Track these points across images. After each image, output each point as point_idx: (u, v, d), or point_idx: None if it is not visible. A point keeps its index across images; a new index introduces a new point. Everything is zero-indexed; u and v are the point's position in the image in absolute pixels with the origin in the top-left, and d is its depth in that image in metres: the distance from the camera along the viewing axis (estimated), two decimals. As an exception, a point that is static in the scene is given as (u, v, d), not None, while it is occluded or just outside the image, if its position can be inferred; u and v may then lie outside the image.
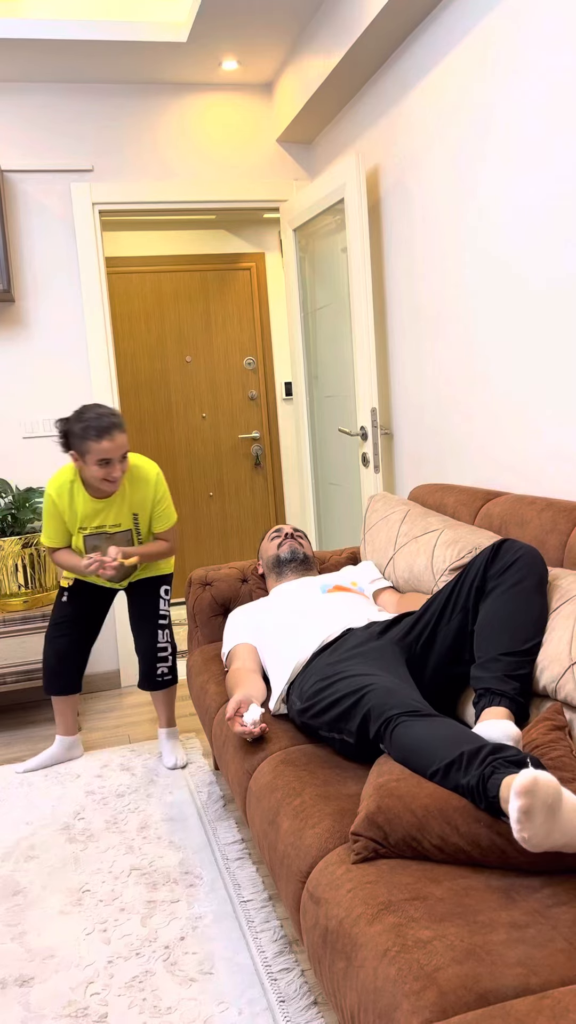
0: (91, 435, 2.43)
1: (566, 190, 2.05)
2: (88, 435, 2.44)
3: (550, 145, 2.09)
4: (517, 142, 2.23)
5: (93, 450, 2.45)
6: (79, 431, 2.45)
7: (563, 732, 1.49)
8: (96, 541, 2.64)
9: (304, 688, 1.88)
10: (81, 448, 2.46)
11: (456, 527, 2.23)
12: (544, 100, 2.10)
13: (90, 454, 2.45)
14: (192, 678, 2.53)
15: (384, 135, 3.03)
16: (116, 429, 2.46)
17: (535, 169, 2.17)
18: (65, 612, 2.80)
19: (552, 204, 2.12)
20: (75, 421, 2.48)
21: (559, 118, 2.05)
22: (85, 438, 2.44)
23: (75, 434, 2.47)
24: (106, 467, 2.48)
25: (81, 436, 2.45)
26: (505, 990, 1.06)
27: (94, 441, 2.44)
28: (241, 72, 3.53)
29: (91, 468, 2.48)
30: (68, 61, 3.29)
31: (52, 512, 2.63)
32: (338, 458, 3.55)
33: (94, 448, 2.44)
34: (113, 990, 1.78)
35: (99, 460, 2.46)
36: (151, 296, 4.90)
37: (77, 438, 2.46)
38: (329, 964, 1.26)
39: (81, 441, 2.45)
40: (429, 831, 1.34)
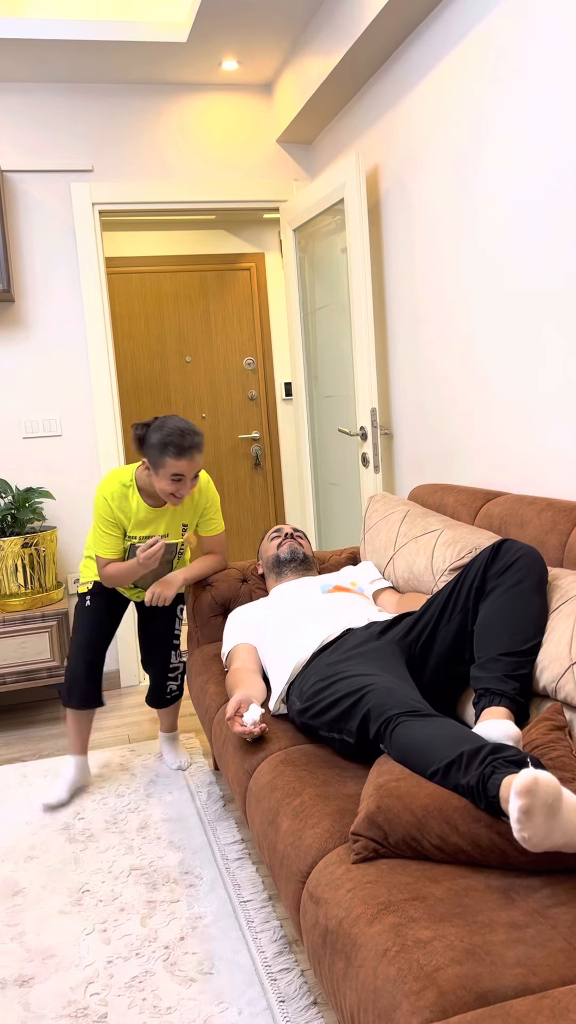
0: (170, 452, 2.36)
1: (566, 191, 2.05)
2: (167, 451, 2.36)
3: (549, 146, 2.10)
4: (516, 143, 2.23)
5: (169, 465, 2.37)
6: (158, 443, 2.37)
7: (563, 732, 1.49)
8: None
9: (304, 688, 1.88)
10: (157, 460, 2.38)
11: (456, 527, 2.23)
12: (544, 101, 2.10)
13: (164, 468, 2.38)
14: (192, 678, 2.53)
15: (384, 135, 3.03)
16: (196, 450, 2.38)
17: (534, 170, 2.17)
18: (91, 619, 2.63)
19: (551, 205, 2.12)
20: (156, 431, 2.39)
21: (559, 119, 2.05)
22: (164, 453, 2.36)
23: (153, 444, 2.38)
24: (176, 484, 2.40)
25: (160, 449, 2.37)
26: (505, 990, 1.06)
27: (172, 458, 2.36)
28: (241, 72, 3.53)
29: (161, 482, 2.40)
30: (68, 61, 3.29)
31: (109, 520, 2.49)
32: (338, 458, 3.56)
33: (170, 464, 2.37)
34: (113, 990, 1.78)
35: (172, 476, 2.39)
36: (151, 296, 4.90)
37: (155, 449, 2.38)
38: (329, 964, 1.26)
39: (159, 454, 2.37)
40: (429, 831, 1.34)
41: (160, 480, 2.41)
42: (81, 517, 3.68)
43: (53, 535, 3.36)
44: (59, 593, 3.38)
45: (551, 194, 2.11)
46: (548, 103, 2.08)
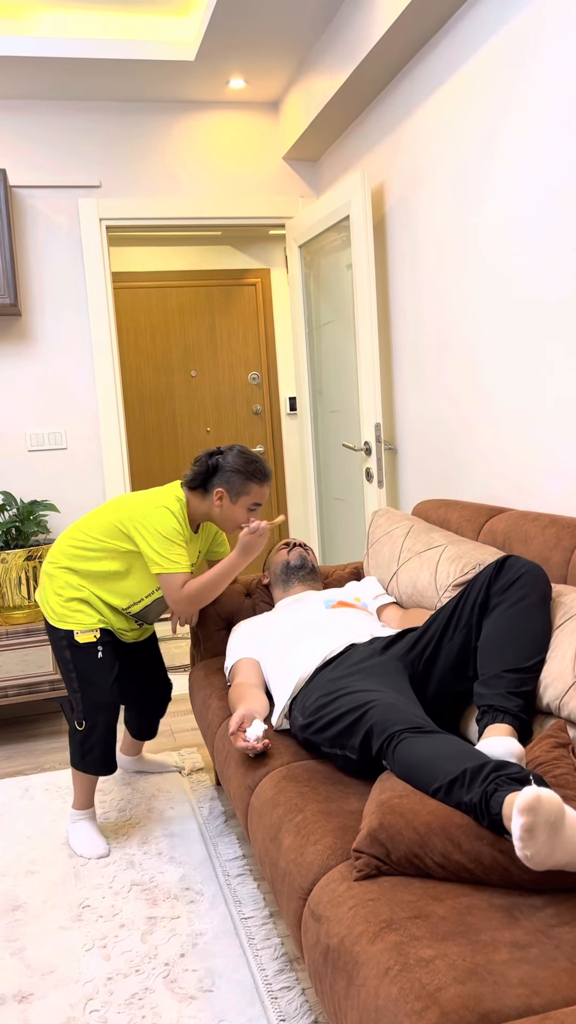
0: (258, 478, 2.33)
1: (570, 208, 2.07)
2: (255, 477, 2.33)
3: (554, 164, 2.11)
4: (521, 161, 2.24)
5: (254, 493, 2.34)
6: (243, 468, 2.32)
7: (566, 750, 1.49)
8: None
9: (307, 704, 1.87)
10: (240, 487, 2.32)
11: (460, 543, 2.23)
12: (548, 119, 2.11)
13: (248, 496, 2.33)
14: (194, 692, 2.52)
15: (389, 153, 3.05)
16: (271, 478, 2.40)
17: (539, 187, 2.18)
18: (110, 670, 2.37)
19: (555, 222, 2.13)
20: (235, 458, 2.34)
21: (563, 137, 2.06)
22: (250, 479, 2.32)
23: (236, 471, 2.32)
24: (251, 513, 2.37)
25: (247, 474, 2.32)
26: (507, 1010, 1.05)
27: (258, 484, 2.33)
28: (248, 90, 3.56)
29: (238, 511, 2.34)
30: (77, 79, 3.33)
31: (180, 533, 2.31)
32: (342, 473, 3.56)
33: (255, 491, 2.34)
34: (112, 1007, 1.76)
35: (252, 504, 2.35)
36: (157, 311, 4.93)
37: (239, 475, 2.32)
38: (330, 982, 1.25)
39: (244, 481, 2.32)
40: (431, 848, 1.33)
41: (238, 509, 2.35)
42: (85, 530, 3.68)
43: (57, 548, 3.37)
44: (62, 606, 3.38)
45: (555, 211, 2.13)
46: (552, 121, 2.10)
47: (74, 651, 2.37)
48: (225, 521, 2.39)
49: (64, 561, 2.40)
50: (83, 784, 2.43)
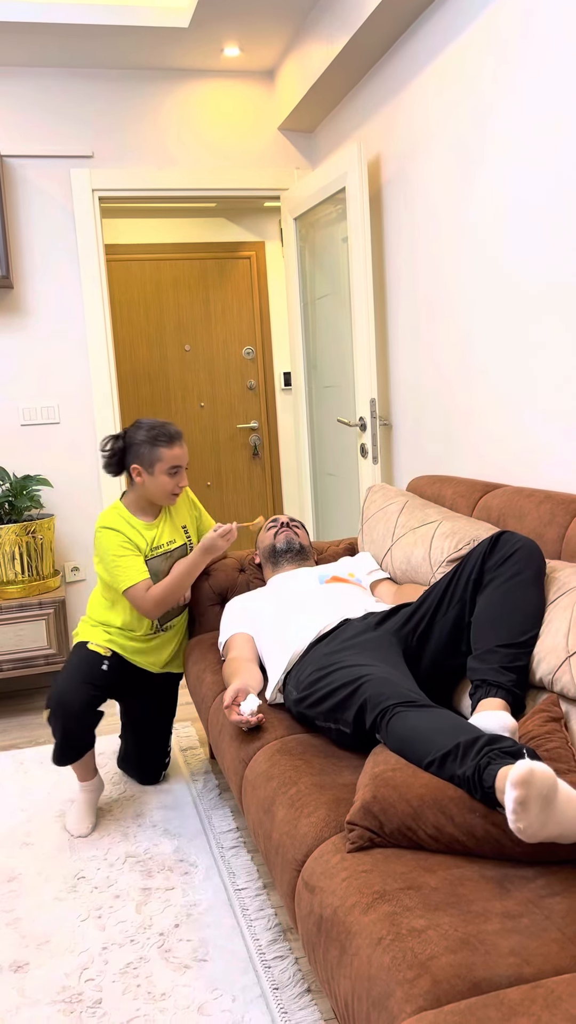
0: (162, 442, 2.35)
1: (569, 182, 2.04)
2: (159, 442, 2.35)
3: (554, 137, 2.08)
4: (520, 134, 2.22)
5: (166, 457, 2.35)
6: (147, 438, 2.35)
7: (559, 724, 1.50)
8: (158, 564, 2.46)
9: (301, 678, 1.88)
10: (151, 457, 2.35)
11: (454, 519, 2.23)
12: (548, 91, 2.08)
13: (162, 462, 2.35)
14: (189, 667, 2.53)
15: (386, 124, 3.01)
16: (182, 437, 2.40)
17: (538, 161, 2.16)
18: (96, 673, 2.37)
19: (554, 197, 2.11)
20: (135, 431, 2.38)
21: (563, 111, 2.04)
22: (156, 445, 2.34)
23: (140, 442, 2.36)
24: (175, 476, 2.38)
25: (151, 443, 2.35)
26: (499, 979, 1.07)
27: (166, 447, 2.35)
28: (243, 59, 3.51)
29: (159, 479, 2.37)
30: (68, 45, 3.26)
31: (125, 545, 2.37)
32: (337, 449, 3.55)
33: (167, 455, 2.35)
34: (107, 976, 1.78)
35: (170, 468, 2.36)
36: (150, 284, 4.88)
37: (145, 446, 2.35)
38: (323, 952, 1.27)
39: (151, 449, 2.35)
40: (424, 821, 1.34)
41: (158, 478, 2.38)
42: (79, 505, 3.68)
43: (51, 523, 3.36)
44: (56, 581, 3.38)
45: (554, 186, 2.10)
46: (553, 93, 2.07)
47: (76, 651, 2.44)
48: (156, 494, 2.41)
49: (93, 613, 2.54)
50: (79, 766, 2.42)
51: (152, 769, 2.61)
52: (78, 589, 3.73)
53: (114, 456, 2.44)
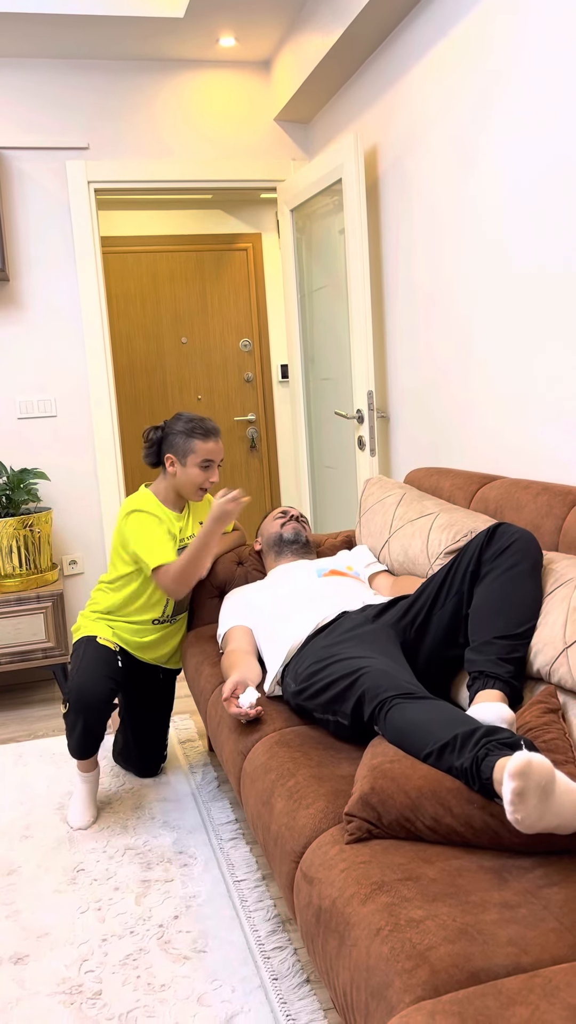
0: (198, 434, 2.38)
1: (569, 172, 2.04)
2: (195, 434, 2.38)
3: (553, 127, 2.08)
4: (517, 125, 2.21)
5: (199, 450, 2.38)
6: (183, 430, 2.39)
7: (556, 715, 1.50)
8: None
9: (299, 670, 1.88)
10: (185, 448, 2.39)
11: (452, 511, 2.23)
12: (547, 80, 2.08)
13: (195, 454, 2.38)
14: (187, 660, 2.53)
15: (383, 114, 3.00)
16: (219, 433, 2.43)
17: (537, 151, 2.15)
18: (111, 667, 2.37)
19: (553, 187, 2.10)
20: (175, 422, 2.42)
21: (563, 99, 2.03)
22: (191, 437, 2.38)
23: (177, 433, 2.40)
24: (207, 471, 2.41)
25: (186, 435, 2.38)
26: (497, 969, 1.07)
27: (201, 440, 2.38)
28: (239, 49, 3.49)
29: (191, 472, 2.40)
30: (63, 36, 3.24)
31: (156, 526, 2.37)
32: (334, 441, 3.55)
33: (200, 448, 2.38)
34: (107, 968, 1.79)
35: (203, 462, 2.39)
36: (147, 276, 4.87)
37: (180, 437, 2.39)
38: (322, 943, 1.27)
39: (186, 440, 2.38)
40: (422, 812, 1.35)
41: (190, 470, 2.41)
42: (76, 498, 3.67)
43: (48, 516, 3.35)
44: (54, 574, 3.38)
45: (553, 176, 2.10)
46: (551, 82, 2.06)
47: (88, 645, 2.42)
48: (185, 486, 2.44)
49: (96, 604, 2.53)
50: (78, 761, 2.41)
51: (151, 762, 2.62)
52: (76, 583, 3.73)
53: (152, 446, 2.48)
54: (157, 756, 2.64)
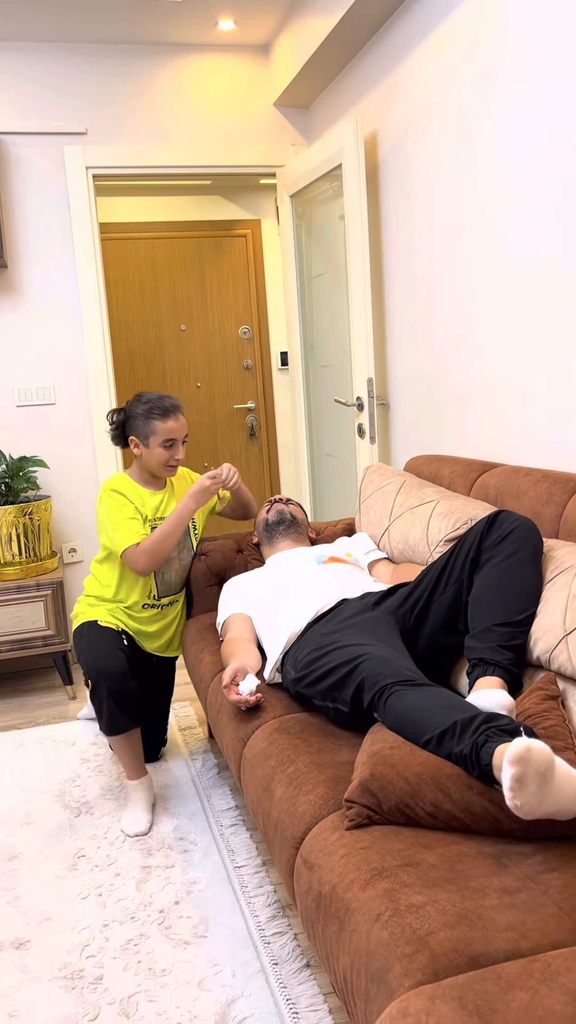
0: (156, 415, 2.40)
1: (569, 156, 2.02)
2: (153, 415, 2.40)
3: (551, 113, 2.06)
4: (517, 109, 2.19)
5: (159, 430, 2.40)
6: (142, 412, 2.41)
7: (556, 702, 1.50)
8: None
9: (298, 658, 1.88)
10: (145, 430, 2.41)
11: (452, 498, 2.23)
12: (547, 65, 2.06)
13: (155, 435, 2.41)
14: (187, 648, 2.53)
15: (383, 99, 2.98)
16: (178, 410, 2.44)
17: (539, 135, 2.13)
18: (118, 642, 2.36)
19: (555, 172, 2.09)
20: (134, 405, 2.44)
21: (561, 85, 2.01)
22: (150, 418, 2.40)
23: (137, 416, 2.42)
24: (170, 449, 2.43)
25: (145, 416, 2.41)
26: (496, 953, 1.08)
27: (159, 420, 2.40)
28: (238, 32, 3.46)
29: (155, 452, 2.43)
30: (62, 20, 3.21)
31: (124, 506, 2.42)
32: (334, 429, 3.54)
33: (160, 428, 2.40)
34: (108, 953, 1.80)
35: (164, 441, 2.41)
36: (145, 263, 4.84)
37: (140, 419, 2.42)
38: (322, 928, 1.28)
39: (145, 422, 2.41)
40: (422, 798, 1.35)
41: (154, 451, 2.44)
42: (76, 486, 3.67)
43: (47, 504, 3.35)
44: (54, 562, 3.38)
45: (554, 161, 2.08)
46: (552, 66, 2.04)
47: (92, 627, 2.42)
48: (152, 466, 2.47)
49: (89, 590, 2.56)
50: (118, 752, 2.35)
51: (151, 748, 2.63)
52: (76, 570, 3.73)
53: (117, 428, 2.52)
54: (156, 742, 2.65)
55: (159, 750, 2.67)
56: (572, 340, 2.10)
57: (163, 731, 2.67)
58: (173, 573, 2.57)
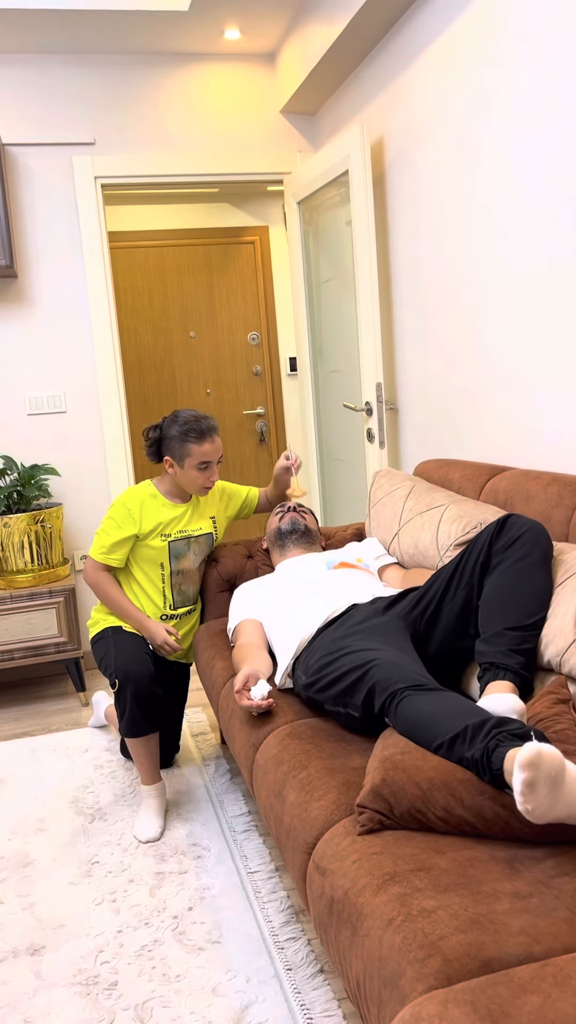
0: (192, 437, 2.37)
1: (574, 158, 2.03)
2: (189, 437, 2.37)
3: (559, 115, 2.06)
4: (523, 113, 2.19)
5: (195, 453, 2.38)
6: (178, 434, 2.39)
7: (567, 706, 1.50)
8: (181, 547, 2.51)
9: (310, 663, 1.89)
10: (181, 451, 2.39)
11: (461, 502, 2.23)
12: (553, 68, 2.06)
13: (191, 457, 2.38)
14: (199, 653, 2.54)
15: (389, 105, 2.99)
16: (215, 431, 2.41)
17: (544, 139, 2.14)
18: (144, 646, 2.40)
19: (559, 176, 2.09)
20: (171, 424, 2.42)
21: (566, 88, 2.01)
22: (186, 441, 2.37)
23: (173, 437, 2.40)
24: (205, 471, 2.41)
25: (181, 439, 2.38)
26: (508, 958, 1.08)
27: (195, 444, 2.37)
28: (244, 41, 3.48)
29: (189, 473, 2.41)
30: (69, 31, 3.24)
31: (124, 521, 2.43)
32: (343, 434, 3.55)
33: (196, 451, 2.38)
34: (123, 959, 1.81)
35: (200, 464, 2.39)
36: (154, 271, 4.87)
37: (175, 441, 2.39)
38: (335, 933, 1.28)
39: (181, 444, 2.38)
40: (434, 803, 1.35)
41: (188, 471, 2.42)
42: (87, 493, 3.69)
43: (59, 512, 3.37)
44: (65, 570, 3.40)
45: (560, 163, 2.09)
46: (557, 70, 2.05)
47: (116, 632, 2.45)
48: (186, 485, 2.46)
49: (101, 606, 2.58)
50: (135, 756, 2.35)
51: (164, 755, 2.64)
52: (87, 577, 3.75)
53: (152, 445, 2.50)
54: (170, 748, 2.66)
55: (172, 757, 2.68)
56: (580, 343, 2.09)
57: (176, 738, 2.67)
58: (191, 585, 2.59)
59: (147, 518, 2.47)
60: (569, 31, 1.98)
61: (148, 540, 2.47)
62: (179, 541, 2.51)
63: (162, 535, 2.48)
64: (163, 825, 2.31)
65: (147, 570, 2.51)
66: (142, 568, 2.51)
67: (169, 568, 2.51)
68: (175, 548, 2.50)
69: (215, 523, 2.60)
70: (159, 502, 2.49)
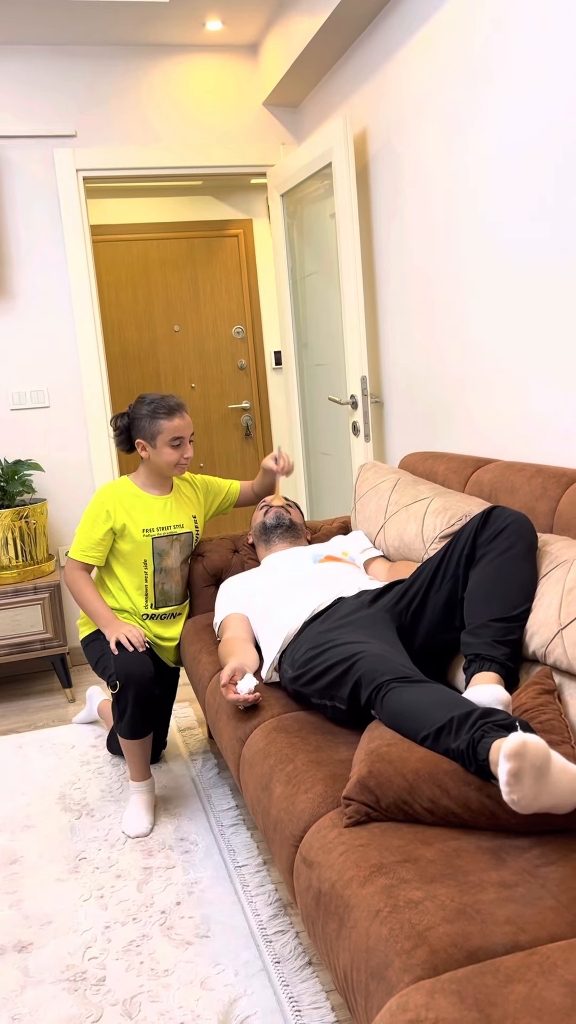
0: (161, 414, 2.38)
1: (564, 152, 2.03)
2: (159, 414, 2.38)
3: (539, 105, 2.06)
4: (506, 102, 2.19)
5: (166, 429, 2.39)
6: (147, 413, 2.39)
7: (552, 696, 1.51)
8: (164, 544, 2.50)
9: (296, 656, 1.89)
10: (152, 430, 2.39)
11: (446, 495, 2.23)
12: (534, 57, 2.06)
13: (163, 434, 2.39)
14: (185, 648, 2.54)
15: (372, 97, 2.98)
16: (183, 408, 2.42)
17: (530, 131, 2.14)
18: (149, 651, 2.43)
19: (544, 169, 2.09)
20: (138, 407, 2.43)
21: (549, 76, 2.01)
22: (155, 418, 2.38)
23: (142, 417, 2.40)
24: (179, 448, 2.42)
25: (150, 417, 2.39)
26: (495, 947, 1.08)
27: (165, 419, 2.38)
28: (226, 33, 3.46)
29: (163, 452, 2.41)
30: (49, 22, 3.21)
31: (100, 519, 2.43)
32: (328, 427, 3.54)
33: (167, 427, 2.38)
34: (111, 954, 1.81)
35: (172, 440, 2.40)
36: (137, 264, 4.84)
37: (145, 420, 2.40)
38: (322, 925, 1.28)
39: (151, 422, 2.39)
40: (420, 794, 1.36)
41: (162, 450, 2.42)
42: (71, 489, 3.67)
43: (43, 507, 3.35)
44: (50, 565, 3.38)
45: (543, 151, 2.09)
46: (540, 58, 2.05)
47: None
48: (162, 467, 2.46)
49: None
50: (128, 754, 2.34)
51: (153, 751, 2.64)
52: (73, 573, 3.73)
53: (121, 433, 2.50)
54: (158, 744, 2.65)
55: (160, 752, 2.67)
56: (568, 334, 2.10)
57: (164, 734, 2.67)
58: (173, 584, 2.58)
59: (125, 513, 2.46)
60: (553, 21, 1.98)
61: (130, 535, 2.46)
62: (162, 538, 2.50)
63: (144, 530, 2.47)
64: (153, 821, 2.30)
65: (130, 568, 2.50)
66: (124, 566, 2.50)
67: (153, 566, 2.50)
68: (158, 545, 2.50)
69: (196, 522, 2.60)
70: (136, 496, 2.49)
